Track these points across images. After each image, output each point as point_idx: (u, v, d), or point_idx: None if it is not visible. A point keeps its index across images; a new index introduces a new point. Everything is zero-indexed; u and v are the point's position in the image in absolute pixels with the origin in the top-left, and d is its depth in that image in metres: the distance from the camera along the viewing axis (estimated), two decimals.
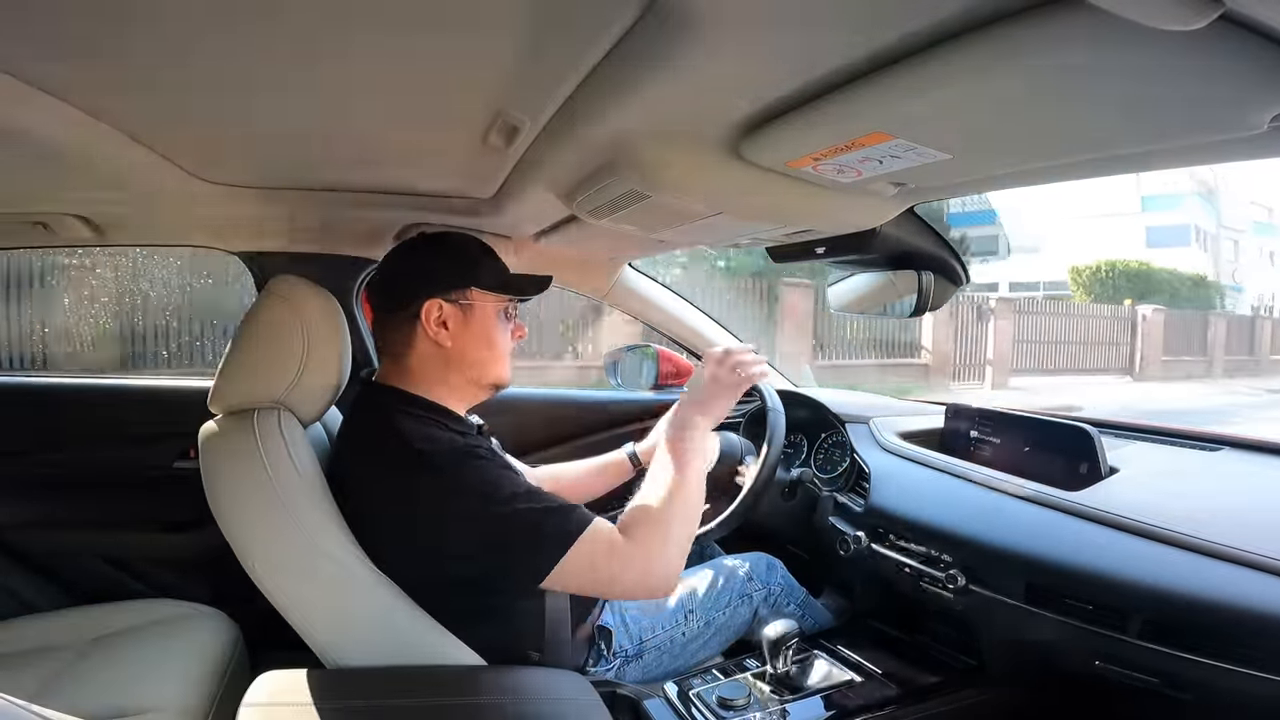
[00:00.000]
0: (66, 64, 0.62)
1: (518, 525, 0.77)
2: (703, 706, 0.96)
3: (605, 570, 0.79)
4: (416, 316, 0.88)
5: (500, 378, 0.94)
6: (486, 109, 0.72)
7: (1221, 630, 0.74)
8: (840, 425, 1.35)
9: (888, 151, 0.61)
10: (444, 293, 0.89)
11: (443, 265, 0.91)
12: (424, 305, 0.88)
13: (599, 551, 0.78)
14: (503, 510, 0.78)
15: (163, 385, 1.51)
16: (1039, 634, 0.89)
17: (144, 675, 0.98)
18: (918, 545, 1.06)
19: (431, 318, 0.88)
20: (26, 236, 1.24)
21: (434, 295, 0.88)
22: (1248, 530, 0.80)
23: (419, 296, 0.88)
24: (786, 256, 1.13)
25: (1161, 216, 19.22)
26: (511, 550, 0.77)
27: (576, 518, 0.79)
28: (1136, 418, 1.31)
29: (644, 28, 0.51)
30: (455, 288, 0.89)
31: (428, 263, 0.92)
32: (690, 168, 0.73)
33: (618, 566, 0.79)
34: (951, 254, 1.05)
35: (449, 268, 0.91)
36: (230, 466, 0.84)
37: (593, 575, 0.79)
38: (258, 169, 1.00)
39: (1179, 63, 0.42)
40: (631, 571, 0.79)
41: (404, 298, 0.89)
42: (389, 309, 0.91)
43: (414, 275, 0.91)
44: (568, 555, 0.77)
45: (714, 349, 0.98)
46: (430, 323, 0.88)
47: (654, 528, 0.82)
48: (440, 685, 0.80)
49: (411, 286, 0.90)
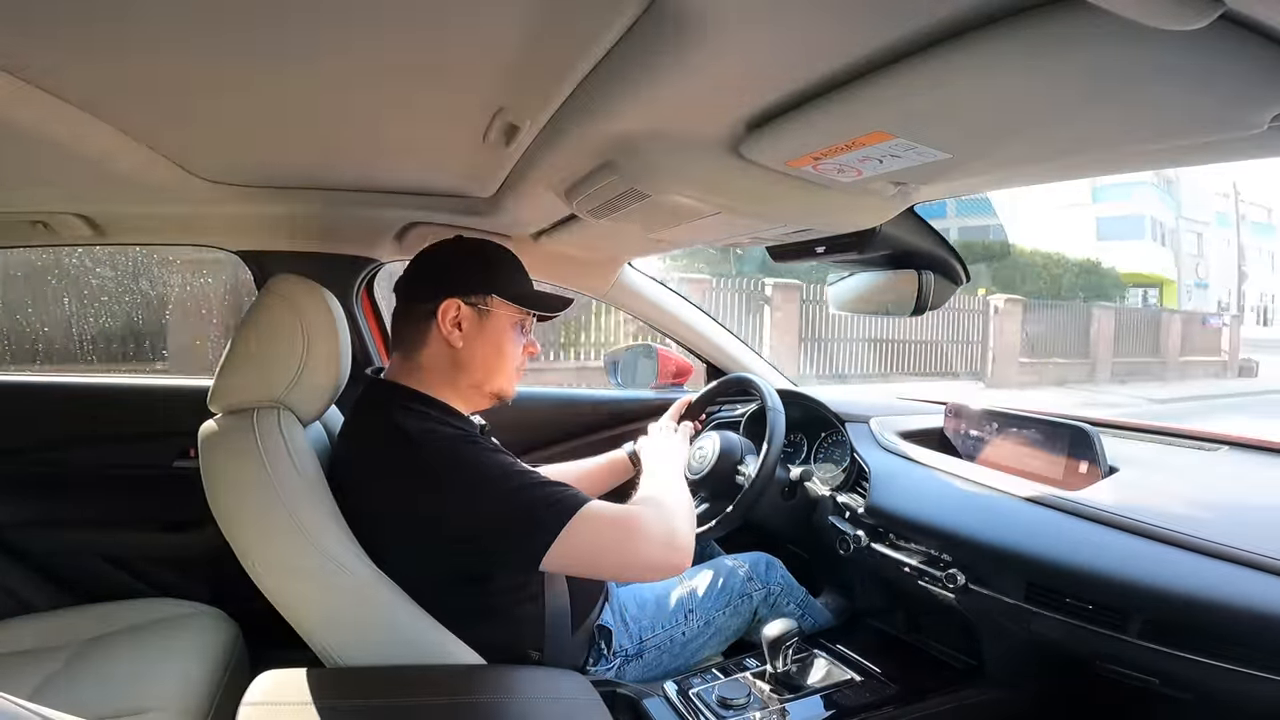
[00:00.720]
0: (67, 63, 0.62)
1: (517, 503, 0.78)
2: (703, 706, 0.96)
3: (614, 544, 0.80)
4: (434, 314, 0.89)
5: (503, 389, 0.95)
6: (486, 108, 0.72)
7: (1221, 630, 0.74)
8: (840, 425, 1.35)
9: (888, 151, 0.61)
10: (464, 294, 0.89)
11: (469, 268, 0.92)
12: (442, 303, 0.89)
13: (602, 527, 0.79)
14: (503, 489, 0.79)
15: (163, 385, 1.51)
16: (1039, 634, 0.89)
17: (144, 675, 0.98)
18: (917, 545, 1.06)
19: (448, 317, 0.89)
20: (26, 235, 1.24)
21: (454, 295, 0.89)
22: (1247, 530, 0.80)
23: (440, 294, 0.89)
24: (786, 256, 1.13)
25: (1113, 207, 18.27)
26: (512, 529, 0.78)
27: (574, 494, 0.80)
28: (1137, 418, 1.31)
29: (644, 28, 0.51)
30: (476, 292, 0.90)
31: (455, 263, 0.93)
32: (690, 167, 0.73)
33: (627, 539, 0.80)
34: (951, 253, 1.06)
35: (474, 271, 0.92)
36: (230, 466, 0.84)
37: (599, 553, 0.80)
38: (258, 169, 1.00)
39: (1179, 63, 0.42)
40: (646, 540, 0.80)
41: (425, 293, 0.91)
42: (410, 302, 0.93)
43: (439, 273, 0.92)
44: (568, 529, 0.77)
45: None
46: (445, 321, 0.89)
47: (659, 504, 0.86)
48: (440, 685, 0.80)
49: (434, 283, 0.91)
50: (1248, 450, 1.09)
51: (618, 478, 1.26)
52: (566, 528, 0.77)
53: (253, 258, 1.36)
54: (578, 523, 0.77)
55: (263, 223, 1.25)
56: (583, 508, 0.79)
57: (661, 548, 0.81)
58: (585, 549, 0.78)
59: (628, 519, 0.81)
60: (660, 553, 0.81)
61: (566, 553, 0.77)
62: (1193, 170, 18.29)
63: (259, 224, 1.26)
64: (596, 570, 0.86)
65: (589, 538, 0.78)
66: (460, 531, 0.79)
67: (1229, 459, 1.08)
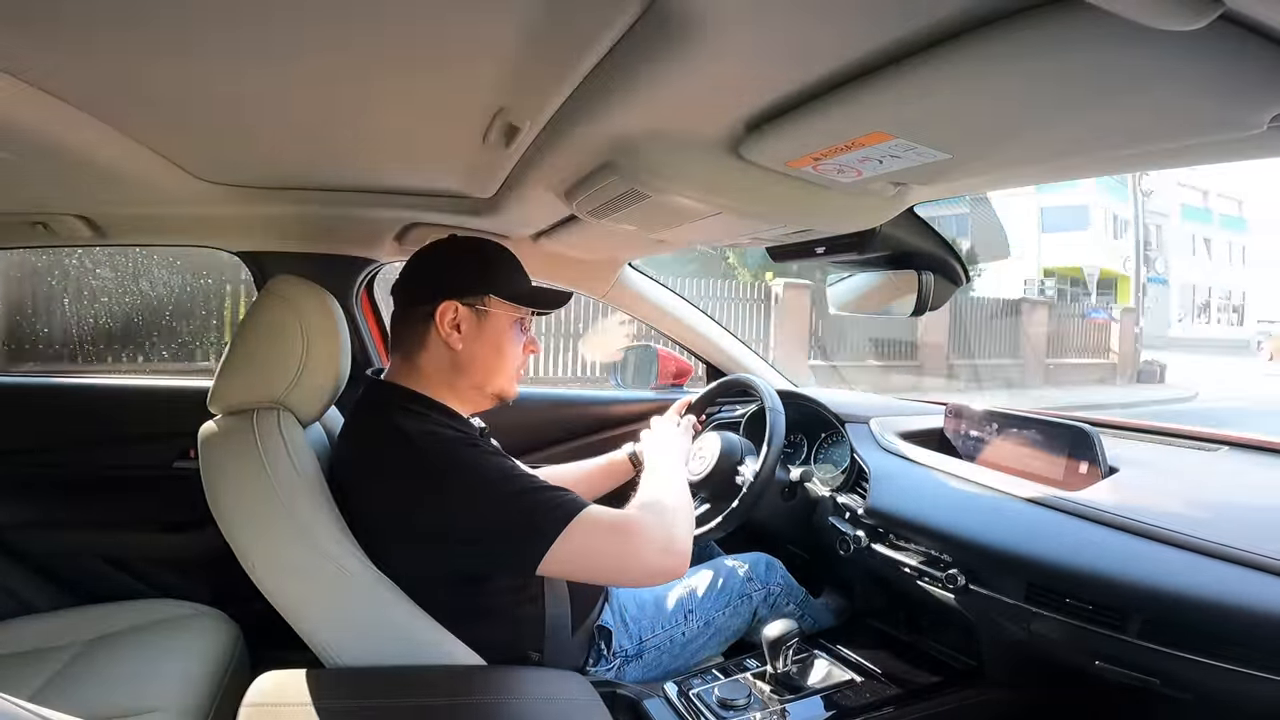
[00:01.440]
0: (67, 65, 0.62)
1: (515, 508, 0.78)
2: (703, 706, 0.96)
3: (611, 550, 0.79)
4: (431, 316, 0.88)
5: (504, 390, 0.95)
6: (487, 109, 0.72)
7: (1221, 630, 0.74)
8: (840, 425, 1.35)
9: (888, 151, 0.61)
10: (461, 296, 0.89)
11: (465, 268, 0.91)
12: (440, 306, 0.88)
13: (599, 533, 0.79)
14: (502, 492, 0.78)
15: (163, 385, 1.51)
16: (1039, 634, 0.89)
17: (144, 675, 0.98)
18: (917, 545, 1.06)
19: (446, 319, 0.88)
20: (27, 236, 1.24)
21: (451, 297, 0.88)
22: (1247, 530, 0.80)
23: (436, 296, 0.88)
24: (786, 256, 1.13)
25: (1057, 197, 16.54)
26: (512, 532, 0.78)
27: (572, 500, 0.80)
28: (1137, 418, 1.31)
29: (644, 28, 0.51)
30: (473, 292, 0.89)
31: (451, 264, 0.92)
32: (690, 168, 0.73)
33: (625, 545, 0.80)
34: (951, 254, 1.06)
35: (471, 272, 0.91)
36: (230, 466, 0.84)
37: (596, 559, 0.79)
38: (258, 169, 1.01)
39: (1178, 63, 0.42)
40: (643, 546, 0.80)
41: (422, 296, 0.90)
42: (407, 304, 0.92)
43: (435, 274, 0.91)
44: (565, 534, 0.77)
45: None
46: (444, 324, 0.88)
47: (658, 508, 0.86)
48: (440, 685, 0.80)
49: (431, 285, 0.90)
50: (1248, 450, 1.09)
51: (617, 479, 1.26)
52: (563, 534, 0.76)
53: (253, 258, 1.36)
54: (575, 528, 0.77)
55: (263, 223, 1.25)
56: (580, 514, 0.78)
57: (658, 554, 0.81)
58: (582, 555, 0.78)
59: (625, 525, 0.81)
60: (657, 559, 0.81)
61: (563, 558, 0.77)
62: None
63: (259, 224, 1.26)
64: (593, 575, 0.87)
65: (586, 543, 0.78)
66: (459, 534, 0.79)
67: (1229, 459, 1.08)
